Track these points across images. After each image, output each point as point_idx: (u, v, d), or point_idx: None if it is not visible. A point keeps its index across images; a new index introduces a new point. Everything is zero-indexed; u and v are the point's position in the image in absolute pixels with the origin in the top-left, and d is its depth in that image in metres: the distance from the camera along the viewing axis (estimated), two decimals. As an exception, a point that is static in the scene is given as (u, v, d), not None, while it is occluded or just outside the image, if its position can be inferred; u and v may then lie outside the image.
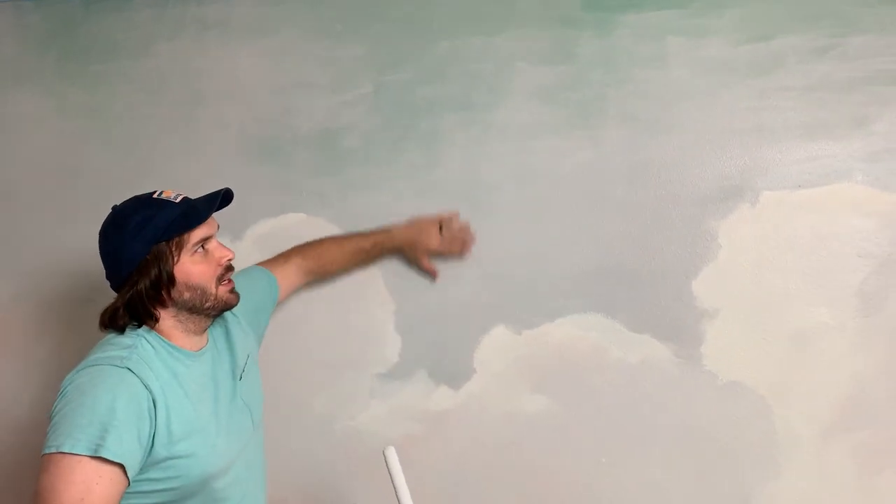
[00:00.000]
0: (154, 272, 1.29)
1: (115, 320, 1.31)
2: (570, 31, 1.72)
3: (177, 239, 1.30)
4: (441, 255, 1.74)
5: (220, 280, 1.35)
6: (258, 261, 1.74)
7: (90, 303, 1.60)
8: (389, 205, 1.79)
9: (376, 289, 1.81)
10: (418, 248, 1.73)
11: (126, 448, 1.16)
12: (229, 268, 1.37)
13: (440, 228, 1.72)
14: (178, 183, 1.87)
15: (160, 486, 1.24)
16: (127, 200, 1.34)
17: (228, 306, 1.37)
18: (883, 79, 1.59)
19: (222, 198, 1.38)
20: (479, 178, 1.76)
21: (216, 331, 1.45)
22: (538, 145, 1.73)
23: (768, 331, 1.63)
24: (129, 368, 1.22)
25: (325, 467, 1.82)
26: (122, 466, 1.15)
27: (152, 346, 1.29)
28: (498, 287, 1.75)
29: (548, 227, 1.72)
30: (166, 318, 1.33)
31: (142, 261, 1.28)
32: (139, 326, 1.32)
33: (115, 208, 1.35)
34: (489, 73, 1.75)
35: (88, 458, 1.13)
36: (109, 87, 1.94)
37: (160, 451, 1.22)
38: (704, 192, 1.66)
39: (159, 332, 1.32)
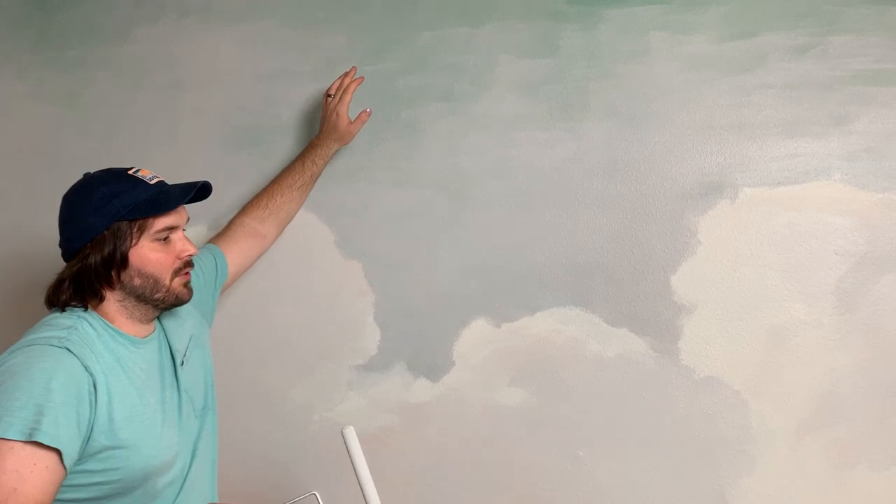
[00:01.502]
0: (108, 250, 1.22)
1: (58, 293, 1.24)
2: (553, 25, 1.71)
3: (141, 221, 1.24)
4: (347, 101, 1.67)
5: (176, 273, 1.28)
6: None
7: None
8: (370, 194, 1.78)
9: (356, 280, 1.80)
10: (335, 132, 1.68)
11: (63, 433, 1.08)
12: (189, 263, 1.31)
13: (327, 96, 1.70)
14: (157, 170, 1.86)
15: (97, 478, 1.16)
16: (101, 170, 1.29)
17: (180, 301, 1.31)
18: (862, 78, 1.60)
19: (199, 190, 1.32)
20: (459, 170, 1.75)
21: (160, 324, 1.37)
22: (519, 138, 1.73)
23: (745, 326, 1.64)
24: (67, 349, 1.15)
25: (303, 458, 1.81)
26: (58, 453, 1.07)
27: (94, 329, 1.22)
28: (478, 280, 1.74)
29: (528, 219, 1.72)
30: (111, 300, 1.25)
31: (98, 235, 1.22)
32: (82, 308, 1.24)
33: (86, 175, 1.29)
34: (472, 64, 1.75)
35: (22, 444, 1.05)
36: (87, 72, 1.91)
37: (99, 439, 1.14)
38: (684, 187, 1.66)
39: (103, 314, 1.25)
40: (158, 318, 1.36)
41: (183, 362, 1.36)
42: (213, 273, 1.55)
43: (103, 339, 1.22)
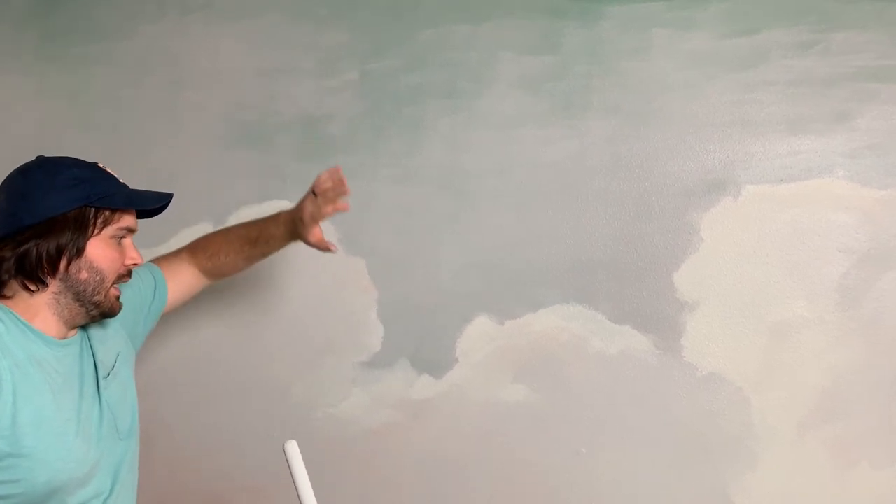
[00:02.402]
0: (67, 236, 1.12)
1: None
2: (555, 21, 1.71)
3: (107, 213, 1.16)
4: (325, 216, 1.45)
5: (118, 279, 1.20)
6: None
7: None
8: (372, 192, 1.78)
9: (359, 277, 1.80)
10: (301, 222, 1.46)
11: None
12: (130, 273, 1.23)
13: (312, 193, 1.46)
14: (159, 168, 1.86)
15: None
16: (63, 156, 1.20)
17: (112, 312, 1.21)
18: (865, 75, 1.60)
19: (165, 203, 1.26)
20: (461, 167, 1.75)
21: (82, 333, 1.25)
22: (521, 135, 1.73)
23: (748, 324, 1.64)
24: None
25: (305, 455, 1.81)
26: None
27: (3, 323, 1.10)
28: (480, 277, 1.74)
29: (530, 216, 1.72)
30: (47, 291, 1.14)
31: (58, 216, 1.12)
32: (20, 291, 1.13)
33: (43, 157, 1.20)
34: (474, 61, 1.75)
35: None
36: (90, 69, 1.92)
37: None
38: (687, 184, 1.66)
39: (19, 308, 1.13)
40: (84, 327, 1.25)
41: (108, 375, 1.25)
42: (149, 296, 1.42)
43: (13, 334, 1.10)
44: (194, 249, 1.53)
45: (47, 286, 1.14)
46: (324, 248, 1.49)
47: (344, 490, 1.77)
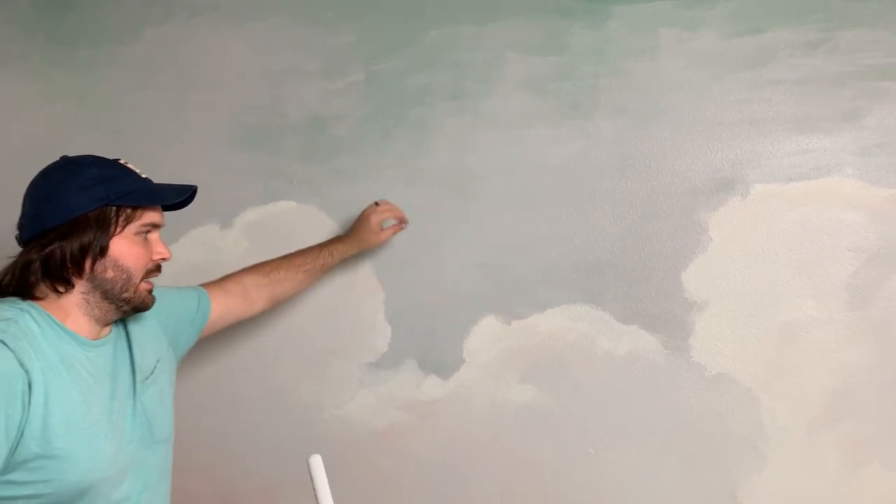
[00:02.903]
0: (89, 236, 1.12)
1: (26, 276, 1.12)
2: (561, 21, 1.71)
3: (129, 211, 1.16)
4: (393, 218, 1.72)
5: (147, 274, 1.20)
6: (248, 249, 1.74)
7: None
8: (379, 193, 1.78)
9: (366, 277, 1.80)
10: (366, 236, 1.69)
11: None
12: (159, 267, 1.23)
13: (371, 220, 1.69)
14: (166, 170, 1.86)
15: (25, 491, 1.04)
16: (86, 155, 1.21)
17: (144, 306, 1.21)
18: (873, 73, 1.59)
19: (189, 195, 1.26)
20: (468, 168, 1.75)
21: (119, 326, 1.26)
22: (528, 135, 1.72)
23: (757, 323, 1.63)
24: (2, 342, 1.03)
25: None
26: None
27: (37, 324, 1.10)
28: (487, 277, 1.74)
29: (538, 217, 1.72)
30: (75, 291, 1.14)
31: (81, 216, 1.12)
32: (22, 300, 1.13)
33: (66, 158, 1.21)
34: (480, 62, 1.75)
35: None
36: (97, 72, 1.92)
37: (30, 446, 1.02)
38: (695, 184, 1.65)
39: (52, 309, 1.13)
40: (124, 323, 1.27)
41: (147, 378, 1.25)
42: (193, 307, 1.44)
43: (47, 335, 1.10)
44: (247, 270, 1.57)
45: (73, 286, 1.14)
46: (392, 233, 1.72)
47: (351, 491, 1.77)
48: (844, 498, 1.60)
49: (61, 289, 1.13)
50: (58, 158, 1.21)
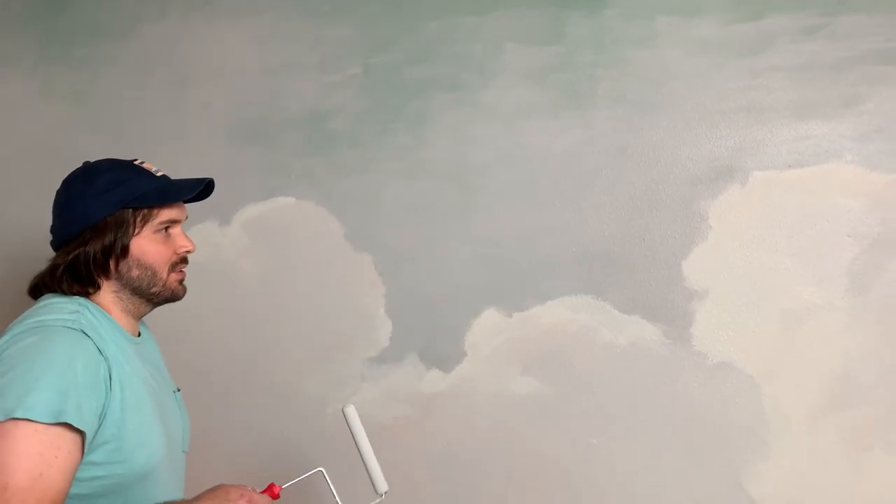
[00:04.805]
0: (109, 238, 1.17)
1: (53, 279, 1.18)
2: (559, 11, 1.71)
3: (145, 211, 1.20)
4: None
5: (173, 267, 1.24)
6: (247, 246, 1.75)
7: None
8: (379, 187, 1.78)
9: (366, 272, 1.80)
10: None
11: (87, 416, 1.03)
12: (185, 259, 1.27)
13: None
14: (165, 167, 1.85)
15: (99, 472, 1.09)
16: (104, 159, 1.26)
17: (175, 297, 1.26)
18: (872, 58, 1.59)
19: (205, 187, 1.29)
20: (468, 160, 1.75)
21: (146, 331, 1.32)
22: (527, 126, 1.72)
23: (758, 311, 1.63)
24: (83, 332, 1.10)
25: (317, 451, 1.82)
26: (82, 436, 1.03)
27: (94, 316, 1.16)
28: (488, 269, 1.74)
29: (537, 208, 1.72)
30: (107, 290, 1.20)
31: (100, 221, 1.17)
32: (80, 297, 1.18)
33: (87, 163, 1.26)
34: (478, 53, 1.74)
35: (46, 426, 0.99)
36: (94, 70, 1.92)
37: (110, 427, 1.08)
38: (694, 172, 1.65)
39: (99, 304, 1.19)
40: (153, 345, 1.33)
41: (177, 391, 1.34)
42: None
43: (104, 326, 1.16)
44: None
45: (100, 287, 1.19)
46: None
47: (357, 484, 1.77)
48: (847, 483, 1.61)
49: (91, 290, 1.19)
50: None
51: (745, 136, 1.63)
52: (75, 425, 1.01)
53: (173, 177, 1.33)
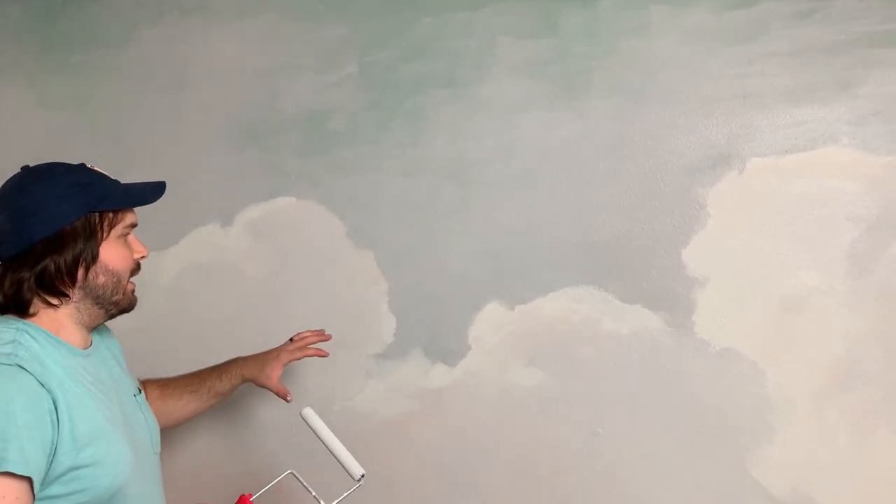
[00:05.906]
0: (80, 245, 1.12)
1: (20, 293, 1.10)
2: (552, 4, 1.71)
3: (112, 215, 1.16)
4: (300, 358, 1.62)
5: (131, 274, 1.21)
6: (251, 247, 1.75)
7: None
8: (378, 184, 1.79)
9: (369, 269, 1.81)
10: (261, 371, 1.56)
11: (31, 459, 0.99)
12: (139, 266, 1.24)
13: (290, 341, 1.60)
14: (166, 171, 1.86)
15: (63, 503, 1.06)
16: (48, 162, 1.18)
17: (131, 306, 1.22)
18: (866, 41, 1.58)
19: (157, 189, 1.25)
20: (466, 154, 1.75)
21: (96, 337, 1.25)
22: (524, 119, 1.73)
23: (759, 297, 1.64)
24: (20, 366, 1.03)
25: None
26: (29, 481, 0.99)
27: (36, 341, 1.09)
28: (489, 263, 1.75)
29: (536, 200, 1.72)
30: (68, 302, 1.14)
31: (68, 227, 1.11)
32: (15, 318, 1.12)
33: (28, 167, 1.18)
34: (473, 48, 1.75)
35: None
36: (92, 76, 1.93)
37: (63, 460, 1.04)
38: (692, 160, 1.66)
39: (44, 323, 1.12)
40: (109, 347, 1.30)
41: (138, 394, 1.30)
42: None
43: (48, 351, 1.09)
44: (151, 381, 1.50)
45: (69, 297, 1.14)
46: (282, 393, 1.56)
47: (365, 481, 1.79)
48: (853, 466, 1.61)
49: (56, 301, 1.13)
50: (18, 169, 1.20)
51: (742, 122, 1.63)
52: (17, 473, 0.97)
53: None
